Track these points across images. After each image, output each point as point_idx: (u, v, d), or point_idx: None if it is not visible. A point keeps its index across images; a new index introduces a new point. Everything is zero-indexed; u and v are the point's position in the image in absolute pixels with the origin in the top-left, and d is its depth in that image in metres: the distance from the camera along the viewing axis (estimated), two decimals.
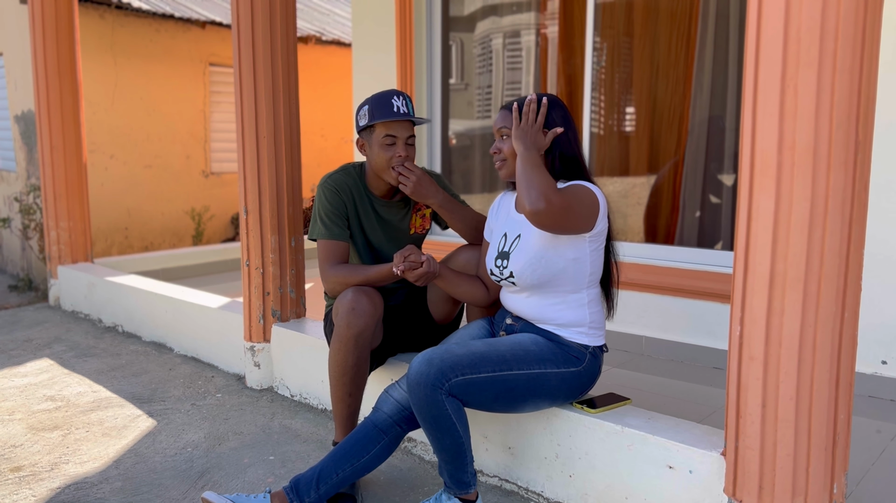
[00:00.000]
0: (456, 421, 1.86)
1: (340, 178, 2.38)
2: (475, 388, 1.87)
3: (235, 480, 2.35)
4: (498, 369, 1.89)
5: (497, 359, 1.90)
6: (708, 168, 3.56)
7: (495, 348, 1.94)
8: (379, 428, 2.04)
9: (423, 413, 1.85)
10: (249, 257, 3.12)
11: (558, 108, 2.01)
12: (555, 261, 1.95)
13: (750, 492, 1.67)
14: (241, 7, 2.99)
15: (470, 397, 1.88)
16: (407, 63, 4.63)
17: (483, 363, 1.88)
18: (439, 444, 1.90)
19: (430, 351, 1.89)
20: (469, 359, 1.87)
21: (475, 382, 1.87)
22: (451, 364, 1.85)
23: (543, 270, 1.96)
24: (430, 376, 1.83)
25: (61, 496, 2.25)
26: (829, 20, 1.48)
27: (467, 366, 1.86)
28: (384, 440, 2.04)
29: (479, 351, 1.91)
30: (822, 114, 1.50)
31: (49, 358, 3.70)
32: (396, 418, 2.05)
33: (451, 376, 1.84)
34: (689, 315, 3.44)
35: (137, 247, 6.82)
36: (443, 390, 1.83)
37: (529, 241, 1.99)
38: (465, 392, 1.86)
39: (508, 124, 2.02)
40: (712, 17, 3.49)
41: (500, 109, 2.07)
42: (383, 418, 2.05)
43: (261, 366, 3.16)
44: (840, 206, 1.53)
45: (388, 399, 2.08)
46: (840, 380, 1.60)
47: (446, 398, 1.84)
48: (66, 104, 4.69)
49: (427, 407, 1.84)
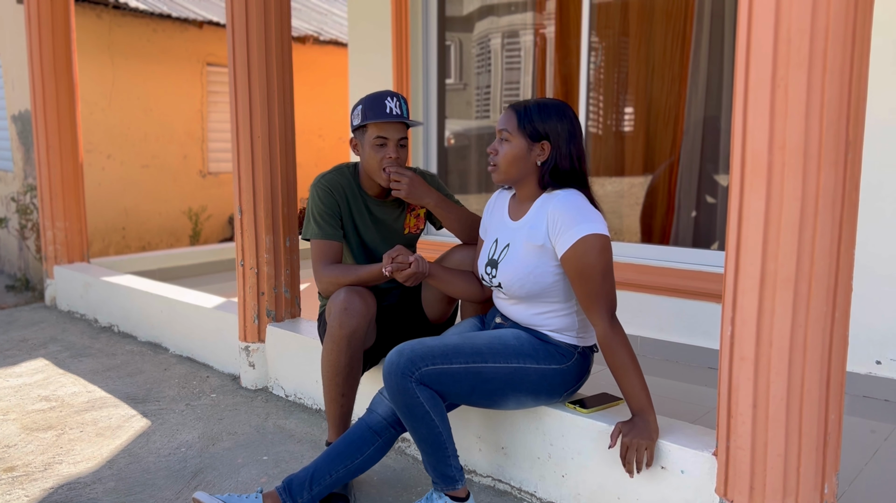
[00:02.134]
0: (430, 409, 1.87)
1: (334, 178, 2.38)
2: (448, 379, 1.88)
3: (229, 480, 2.35)
4: (471, 361, 1.90)
5: (471, 351, 1.91)
6: (703, 168, 3.56)
7: (471, 341, 1.94)
8: (373, 429, 2.04)
9: (396, 401, 1.87)
10: (244, 257, 3.12)
11: (556, 118, 1.93)
12: (543, 277, 1.94)
13: (741, 493, 1.67)
14: (236, 6, 2.98)
15: (444, 387, 1.89)
16: (403, 63, 4.62)
17: (456, 354, 1.89)
18: (416, 435, 1.91)
19: (405, 343, 1.92)
20: (441, 350, 1.89)
21: (448, 373, 1.88)
22: (421, 354, 1.87)
23: (532, 285, 1.95)
24: (399, 365, 1.85)
25: (54, 496, 2.25)
26: (819, 20, 1.48)
27: (439, 356, 1.88)
28: (378, 442, 2.04)
29: (453, 342, 1.92)
30: (812, 114, 1.50)
31: (44, 358, 3.69)
32: (390, 420, 2.05)
33: (422, 365, 1.85)
34: (684, 315, 3.44)
35: (135, 247, 6.82)
36: (412, 378, 1.84)
37: (518, 253, 1.97)
38: (437, 382, 1.87)
39: (508, 126, 1.97)
40: (707, 16, 3.49)
41: (506, 109, 2.01)
42: (377, 420, 2.05)
43: (255, 366, 3.16)
44: (830, 206, 1.53)
45: (382, 401, 2.08)
46: (831, 381, 1.60)
47: (417, 386, 1.85)
48: (63, 104, 4.68)
49: (398, 395, 1.86)
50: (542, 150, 1.94)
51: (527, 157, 1.96)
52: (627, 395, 1.88)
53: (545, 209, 1.93)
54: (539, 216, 1.94)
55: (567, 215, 1.87)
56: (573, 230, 1.85)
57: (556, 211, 1.89)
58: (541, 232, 1.92)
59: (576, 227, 1.85)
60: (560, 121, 1.94)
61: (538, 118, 1.93)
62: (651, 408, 1.87)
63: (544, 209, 1.93)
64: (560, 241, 1.87)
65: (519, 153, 1.95)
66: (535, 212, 1.96)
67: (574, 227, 1.85)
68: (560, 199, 1.91)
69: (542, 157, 1.94)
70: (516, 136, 1.95)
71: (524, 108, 1.96)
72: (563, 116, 1.94)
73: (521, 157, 1.96)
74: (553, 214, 1.89)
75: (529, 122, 1.94)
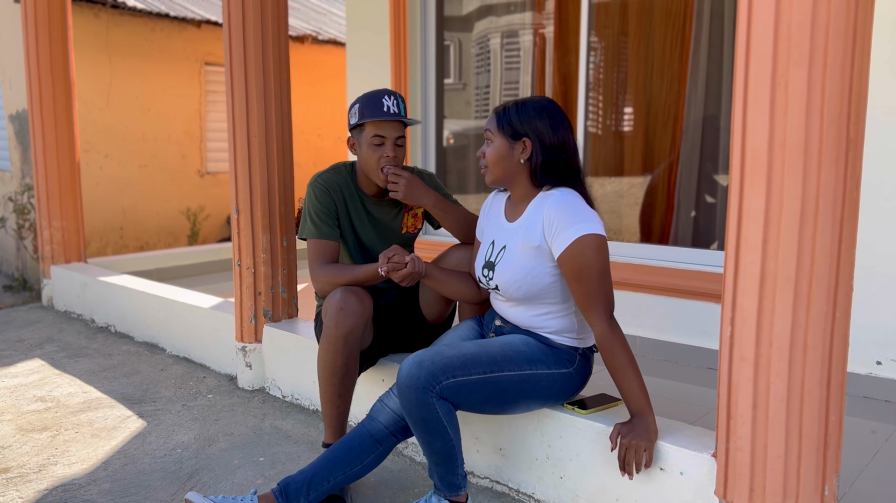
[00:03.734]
0: (447, 424, 1.84)
1: (331, 177, 2.36)
2: (466, 391, 1.85)
3: (224, 481, 2.33)
4: (489, 370, 1.87)
5: (488, 360, 1.88)
6: (703, 168, 3.55)
7: (486, 349, 1.91)
8: (374, 438, 2.03)
9: (414, 416, 1.83)
10: (241, 257, 3.10)
11: (534, 114, 1.93)
12: (540, 278, 1.93)
13: (741, 494, 1.65)
14: (233, 5, 2.97)
15: (461, 399, 1.86)
16: (402, 62, 4.61)
17: (474, 365, 1.86)
18: (430, 447, 1.88)
19: (421, 353, 1.87)
20: (460, 361, 1.85)
21: (466, 384, 1.85)
22: (441, 367, 1.83)
23: (529, 287, 1.94)
24: (420, 379, 1.81)
25: (49, 497, 2.23)
26: (819, 17, 1.46)
27: (458, 367, 1.84)
28: (379, 450, 2.03)
29: (470, 352, 1.89)
30: (812, 111, 1.49)
31: (40, 358, 3.67)
32: (392, 429, 2.03)
33: (443, 379, 1.82)
34: (683, 315, 3.43)
35: (133, 246, 6.80)
36: (433, 393, 1.81)
37: (514, 255, 1.96)
38: (456, 394, 1.84)
39: (490, 127, 2.00)
40: (707, 15, 3.48)
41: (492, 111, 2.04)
42: (379, 428, 2.03)
43: (252, 366, 3.14)
44: (831, 205, 1.52)
45: (383, 409, 2.06)
46: (831, 381, 1.58)
47: (437, 401, 1.81)
48: (59, 103, 4.67)
49: (418, 410, 1.82)
50: (523, 147, 1.94)
51: (510, 156, 1.96)
52: (626, 396, 1.87)
53: (541, 210, 1.92)
54: (535, 217, 1.93)
55: (563, 216, 1.86)
56: (569, 230, 1.84)
57: (552, 211, 1.88)
58: (536, 233, 1.91)
59: (572, 228, 1.84)
60: (538, 116, 1.93)
61: (515, 117, 1.95)
62: (650, 409, 1.86)
63: (540, 210, 1.92)
64: (556, 241, 1.86)
65: (502, 153, 1.97)
66: (531, 213, 1.95)
67: (570, 227, 1.84)
68: (555, 199, 1.90)
69: (525, 154, 1.94)
70: (497, 137, 1.97)
71: (504, 108, 1.98)
72: (542, 111, 1.94)
73: (505, 156, 1.96)
74: (549, 215, 1.88)
75: (508, 121, 1.96)
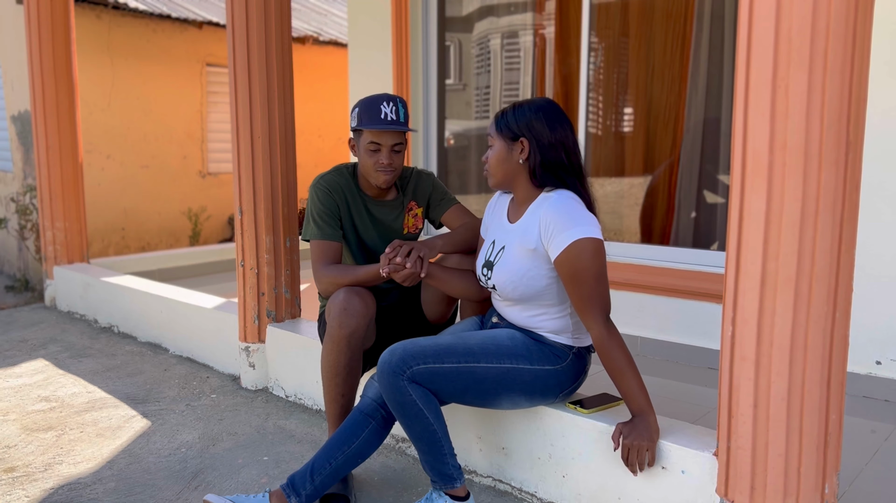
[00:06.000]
0: (423, 407, 1.90)
1: (333, 179, 2.38)
2: (440, 378, 1.91)
3: (229, 481, 2.34)
4: (463, 360, 1.93)
5: (464, 350, 1.94)
6: (703, 168, 3.56)
7: (464, 341, 1.97)
8: (364, 412, 2.07)
9: (390, 399, 1.91)
10: (244, 257, 3.12)
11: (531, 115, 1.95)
12: (537, 280, 1.95)
13: (742, 493, 1.67)
14: (236, 7, 2.98)
15: (437, 386, 1.92)
16: (403, 63, 4.62)
17: (448, 354, 1.92)
18: (412, 433, 1.94)
19: (398, 342, 1.96)
20: (433, 350, 1.92)
21: (440, 372, 1.91)
22: (413, 353, 1.90)
23: (525, 288, 1.97)
24: (392, 363, 1.89)
25: (54, 496, 2.25)
26: (819, 20, 1.48)
27: (431, 355, 1.91)
28: (372, 424, 2.06)
29: (446, 342, 1.95)
30: (813, 114, 1.50)
31: (44, 358, 3.69)
32: (380, 401, 2.08)
33: (413, 364, 1.89)
34: (684, 315, 3.44)
35: (134, 247, 6.81)
36: (404, 377, 1.88)
37: (512, 256, 1.99)
38: (430, 381, 1.90)
39: (491, 131, 2.04)
40: (707, 17, 3.49)
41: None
42: (367, 402, 2.09)
43: (255, 366, 3.16)
44: (831, 206, 1.53)
45: (372, 384, 2.13)
46: (832, 380, 1.60)
47: (409, 384, 1.88)
48: (62, 104, 4.68)
49: (392, 394, 1.90)
50: (522, 147, 1.97)
51: (509, 158, 2.00)
52: (626, 397, 1.88)
53: (538, 213, 1.95)
54: (532, 220, 1.96)
55: (558, 219, 1.88)
56: (565, 234, 1.86)
57: (548, 215, 1.90)
58: (533, 236, 1.94)
59: (567, 231, 1.86)
60: (535, 116, 1.96)
61: (513, 118, 1.98)
62: (651, 408, 1.88)
63: (537, 213, 1.95)
64: (552, 245, 1.89)
65: (501, 154, 2.00)
66: (530, 215, 1.98)
67: (566, 230, 1.86)
68: (552, 202, 1.92)
69: (524, 154, 1.97)
70: (497, 139, 2.02)
71: (502, 111, 2.02)
72: (539, 111, 1.96)
73: (504, 157, 2.00)
74: (545, 218, 1.90)
75: (506, 123, 1.99)
